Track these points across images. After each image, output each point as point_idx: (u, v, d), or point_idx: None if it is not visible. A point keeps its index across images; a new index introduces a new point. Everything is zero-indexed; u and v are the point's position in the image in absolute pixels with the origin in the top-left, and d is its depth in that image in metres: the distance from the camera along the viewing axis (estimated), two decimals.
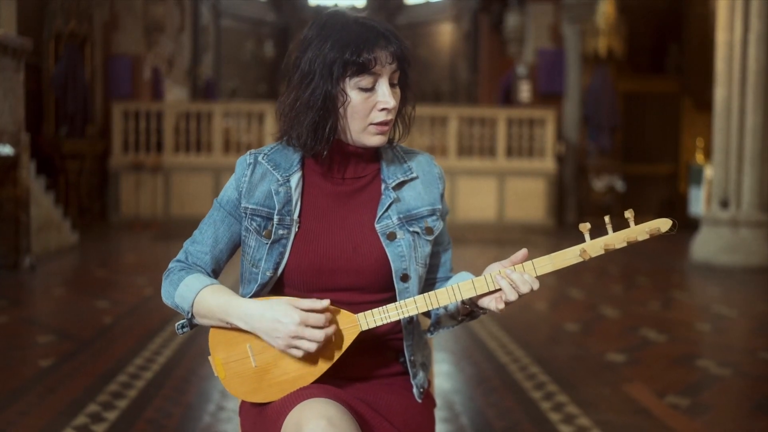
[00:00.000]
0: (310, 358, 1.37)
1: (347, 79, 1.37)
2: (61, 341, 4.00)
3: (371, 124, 1.40)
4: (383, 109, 1.39)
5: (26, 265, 6.21)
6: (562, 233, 10.55)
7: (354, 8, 20.89)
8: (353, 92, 1.38)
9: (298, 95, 1.39)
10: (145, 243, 8.65)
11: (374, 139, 1.42)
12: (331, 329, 1.33)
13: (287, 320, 1.31)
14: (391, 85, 1.40)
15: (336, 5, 21.26)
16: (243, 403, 1.49)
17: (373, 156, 1.49)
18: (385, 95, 1.38)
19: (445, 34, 20.11)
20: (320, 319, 1.32)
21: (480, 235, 9.87)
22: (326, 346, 1.36)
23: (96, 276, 6.36)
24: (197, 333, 1.53)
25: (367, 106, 1.39)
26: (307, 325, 1.31)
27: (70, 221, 8.01)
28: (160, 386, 3.26)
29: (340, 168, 1.46)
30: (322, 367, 1.37)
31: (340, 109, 1.38)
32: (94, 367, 3.53)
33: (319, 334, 1.31)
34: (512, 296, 1.33)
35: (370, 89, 1.38)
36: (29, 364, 3.58)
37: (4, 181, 6.19)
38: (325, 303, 1.33)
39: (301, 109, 1.39)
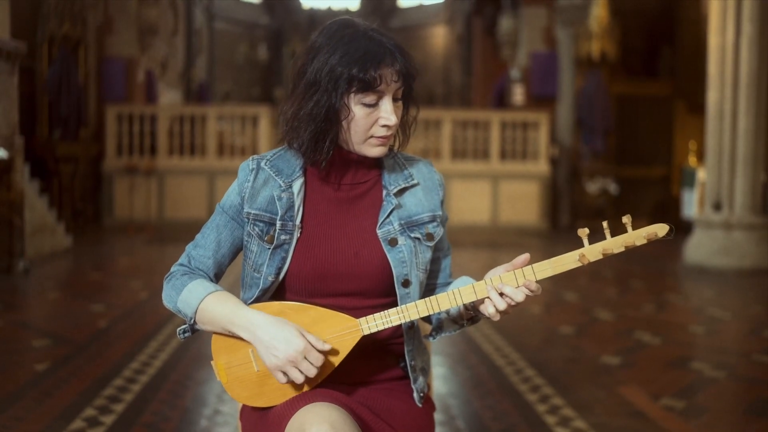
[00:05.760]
0: None
1: (351, 95, 1.38)
2: (56, 345, 3.99)
3: (372, 136, 1.42)
4: (384, 126, 1.41)
5: (20, 268, 6.20)
6: (556, 236, 10.58)
7: (347, 10, 20.91)
8: (356, 107, 1.39)
9: (301, 105, 1.41)
10: (139, 246, 8.63)
11: (375, 150, 1.43)
12: (319, 369, 1.34)
13: (292, 343, 1.32)
14: (395, 99, 1.42)
15: (329, 8, 21.34)
16: (244, 407, 1.49)
17: (374, 162, 1.51)
18: (388, 112, 1.40)
19: (439, 37, 20.15)
20: (319, 358, 1.33)
21: (474, 238, 9.89)
22: (328, 351, 1.37)
23: (90, 279, 6.34)
24: (194, 336, 1.54)
25: (369, 121, 1.40)
26: (305, 358, 1.32)
27: (63, 224, 8.00)
28: (156, 390, 3.26)
29: (341, 174, 1.48)
30: (324, 371, 1.38)
31: (343, 122, 1.39)
32: (90, 371, 3.52)
33: (312, 371, 1.32)
34: (501, 306, 1.35)
35: (374, 105, 1.39)
36: (24, 369, 3.58)
37: None
38: (327, 347, 1.34)
39: (303, 119, 1.40)
